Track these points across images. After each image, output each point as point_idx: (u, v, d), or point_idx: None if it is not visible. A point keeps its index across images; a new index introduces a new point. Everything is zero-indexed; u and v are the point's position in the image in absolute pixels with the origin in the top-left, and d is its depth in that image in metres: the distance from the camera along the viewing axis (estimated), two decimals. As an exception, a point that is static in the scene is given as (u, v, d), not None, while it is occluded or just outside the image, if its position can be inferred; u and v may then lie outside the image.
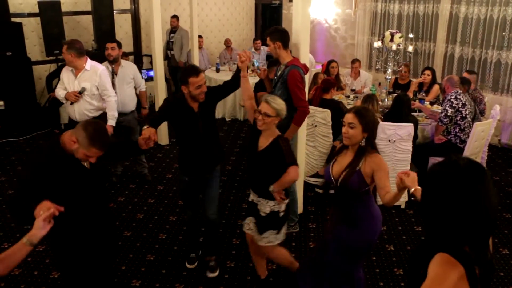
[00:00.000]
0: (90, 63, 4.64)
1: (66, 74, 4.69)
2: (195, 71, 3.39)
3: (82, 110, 4.68)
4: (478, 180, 1.55)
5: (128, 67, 5.42)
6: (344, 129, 2.83)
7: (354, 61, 7.59)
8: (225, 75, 8.40)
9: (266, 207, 3.28)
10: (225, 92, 3.69)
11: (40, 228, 2.12)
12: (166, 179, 5.85)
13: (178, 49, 8.93)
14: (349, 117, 2.82)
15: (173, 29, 8.98)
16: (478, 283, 1.59)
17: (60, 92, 4.70)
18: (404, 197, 4.97)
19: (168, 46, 9.06)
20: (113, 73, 5.25)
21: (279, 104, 3.12)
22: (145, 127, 3.23)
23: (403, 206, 5.06)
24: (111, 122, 4.75)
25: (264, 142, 3.22)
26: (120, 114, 5.20)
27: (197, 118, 3.52)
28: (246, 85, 3.43)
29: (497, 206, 1.64)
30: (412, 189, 2.30)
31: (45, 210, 2.15)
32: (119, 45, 5.31)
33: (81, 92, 4.58)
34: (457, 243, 1.59)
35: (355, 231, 2.91)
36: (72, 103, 4.65)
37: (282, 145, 3.13)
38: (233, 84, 3.61)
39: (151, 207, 5.11)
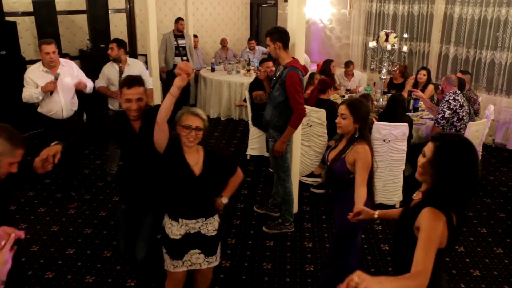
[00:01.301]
0: (61, 59, 4.81)
1: (39, 75, 4.65)
2: (130, 82, 2.93)
3: (68, 106, 4.82)
4: (470, 153, 1.92)
5: (134, 66, 5.43)
6: (337, 120, 3.03)
7: (348, 64, 7.62)
8: (220, 75, 8.41)
9: (215, 223, 2.97)
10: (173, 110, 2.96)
11: (5, 262, 1.79)
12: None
13: (190, 54, 8.33)
14: (342, 108, 3.01)
15: (179, 33, 8.13)
16: (455, 230, 1.96)
17: (32, 90, 4.60)
18: (399, 197, 4.98)
19: (178, 52, 8.18)
20: (120, 72, 5.31)
21: (204, 114, 2.84)
22: (53, 143, 2.73)
23: (397, 206, 5.07)
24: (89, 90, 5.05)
25: (195, 159, 2.83)
26: None
27: (137, 140, 3.03)
28: (170, 104, 2.73)
29: (481, 174, 1.98)
30: None
31: (6, 238, 1.85)
32: (120, 44, 5.32)
33: (56, 78, 4.64)
34: (447, 202, 1.94)
35: (342, 210, 3.03)
36: (51, 93, 4.65)
37: (218, 153, 2.93)
38: (180, 99, 2.97)
39: (146, 207, 5.09)
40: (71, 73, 4.81)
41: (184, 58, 8.15)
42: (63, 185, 5.20)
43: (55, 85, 4.62)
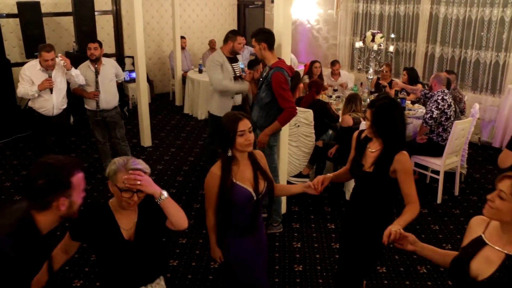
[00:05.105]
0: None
1: (35, 73, 4.91)
2: None
3: (59, 104, 5.13)
4: (396, 108, 2.67)
5: (109, 64, 5.53)
6: (250, 137, 2.58)
7: (334, 62, 7.68)
8: (207, 76, 8.37)
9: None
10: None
11: None
12: (149, 181, 5.80)
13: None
14: (247, 123, 2.58)
15: (235, 55, 5.29)
16: None
17: (28, 88, 4.87)
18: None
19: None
20: (96, 72, 5.36)
21: (144, 164, 2.23)
22: None
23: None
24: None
25: (130, 221, 2.29)
26: (104, 110, 5.48)
27: None
28: None
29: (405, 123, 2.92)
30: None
31: None
32: (101, 45, 5.43)
33: (50, 76, 4.90)
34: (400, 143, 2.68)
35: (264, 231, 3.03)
36: (51, 91, 4.95)
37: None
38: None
39: (134, 209, 5.07)
40: (63, 73, 5.08)
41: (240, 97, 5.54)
42: None
43: (52, 82, 4.89)
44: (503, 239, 1.91)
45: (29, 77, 4.89)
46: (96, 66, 5.35)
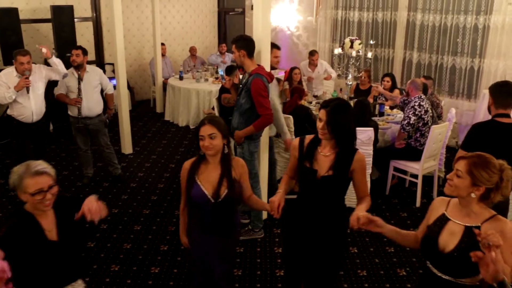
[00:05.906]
0: (33, 65, 5.02)
1: (12, 80, 4.85)
2: None
3: (38, 110, 5.07)
4: (348, 108, 2.69)
5: (93, 72, 5.53)
6: (207, 142, 2.63)
7: (313, 52, 7.79)
8: (189, 83, 8.40)
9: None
10: None
11: None
12: (130, 188, 5.79)
13: None
14: (208, 129, 2.63)
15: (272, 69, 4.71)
16: None
17: (4, 90, 4.81)
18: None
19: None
20: (79, 79, 5.36)
21: (47, 164, 2.38)
22: None
23: (365, 209, 5.15)
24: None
25: (50, 222, 2.42)
26: (87, 118, 5.48)
27: None
28: None
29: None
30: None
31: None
32: (84, 52, 5.43)
33: (26, 75, 4.83)
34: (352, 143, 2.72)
35: (234, 238, 3.02)
36: (28, 90, 4.88)
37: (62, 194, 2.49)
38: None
39: (115, 217, 5.04)
40: (41, 77, 5.02)
41: None
42: None
43: (28, 81, 4.83)
44: (462, 213, 2.22)
45: (5, 83, 4.84)
46: (79, 72, 5.34)
